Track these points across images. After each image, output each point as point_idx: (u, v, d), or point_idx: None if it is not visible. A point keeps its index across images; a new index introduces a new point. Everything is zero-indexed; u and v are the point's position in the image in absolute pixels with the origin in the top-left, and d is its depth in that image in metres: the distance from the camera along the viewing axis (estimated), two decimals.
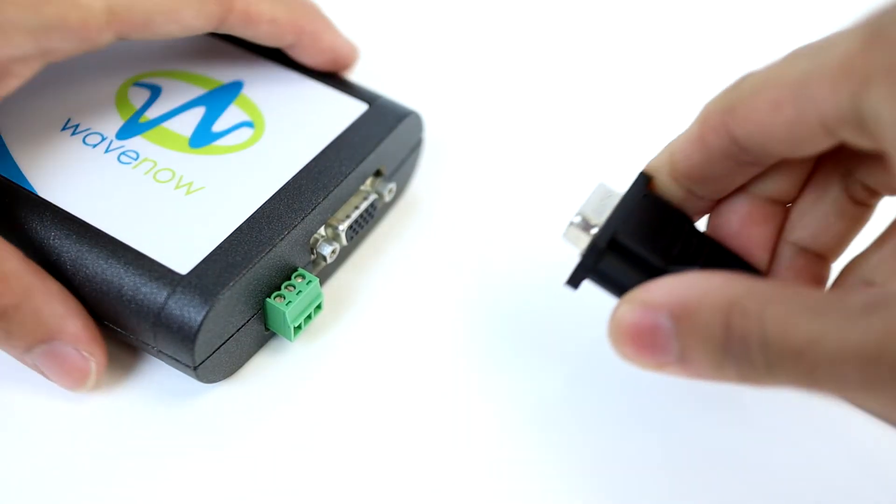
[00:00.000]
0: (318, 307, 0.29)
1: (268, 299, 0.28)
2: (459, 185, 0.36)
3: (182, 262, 0.26)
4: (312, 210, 0.28)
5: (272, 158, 0.30)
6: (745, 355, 0.20)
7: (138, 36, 0.27)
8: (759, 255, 0.25)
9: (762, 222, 0.25)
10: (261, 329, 0.29)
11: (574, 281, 0.25)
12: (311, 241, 0.29)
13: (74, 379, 0.27)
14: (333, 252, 0.30)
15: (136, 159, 0.29)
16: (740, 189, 0.25)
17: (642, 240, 0.24)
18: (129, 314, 0.26)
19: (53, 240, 0.27)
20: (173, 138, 0.30)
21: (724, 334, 0.20)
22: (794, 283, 0.22)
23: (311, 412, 0.28)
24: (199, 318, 0.25)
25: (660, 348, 0.22)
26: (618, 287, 0.24)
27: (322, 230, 0.30)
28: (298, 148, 0.30)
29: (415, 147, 0.34)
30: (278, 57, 0.33)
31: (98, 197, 0.28)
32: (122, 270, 0.26)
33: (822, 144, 0.21)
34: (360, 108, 0.32)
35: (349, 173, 0.30)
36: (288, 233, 0.28)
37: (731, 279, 0.21)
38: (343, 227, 0.30)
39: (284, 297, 0.28)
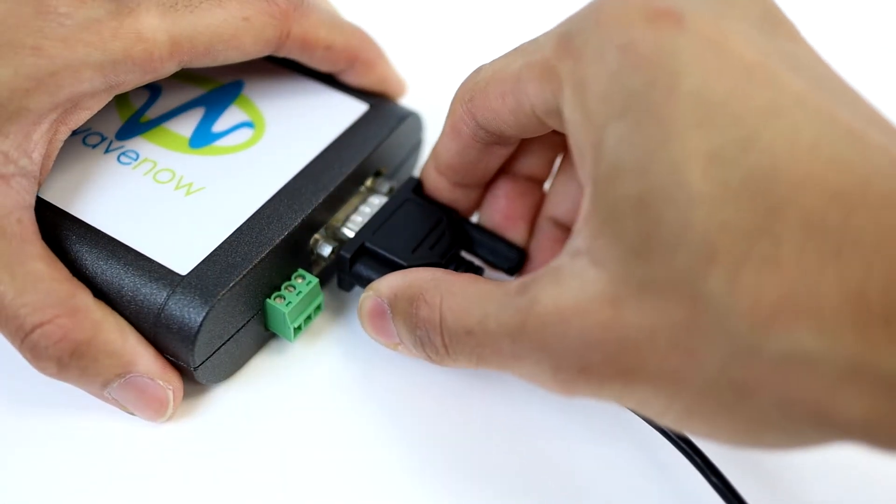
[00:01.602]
0: (319, 308, 0.29)
1: (268, 300, 0.28)
2: None
3: (182, 262, 0.26)
4: (312, 210, 0.28)
5: (272, 159, 0.30)
6: (429, 338, 0.24)
7: (199, 63, 0.28)
8: (522, 228, 0.29)
9: (522, 197, 0.29)
10: (261, 330, 0.29)
11: (341, 285, 0.30)
12: (311, 241, 0.29)
13: (155, 409, 0.27)
14: (333, 253, 0.30)
15: (135, 160, 0.29)
16: (502, 172, 0.29)
17: (391, 243, 0.28)
18: (128, 315, 0.26)
19: (53, 240, 0.27)
20: (173, 139, 0.30)
21: (413, 321, 0.25)
22: (476, 277, 0.25)
23: (311, 413, 0.28)
24: (200, 319, 0.25)
25: (387, 330, 0.26)
26: None
27: (322, 230, 0.29)
28: (298, 148, 0.30)
29: (415, 148, 0.34)
30: (278, 58, 0.33)
31: (98, 197, 0.28)
32: (121, 271, 0.26)
33: (541, 129, 0.25)
34: (360, 108, 0.32)
35: (349, 174, 0.29)
36: (288, 233, 0.28)
37: (426, 274, 0.25)
38: (343, 227, 0.30)
39: (284, 298, 0.28)
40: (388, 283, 0.26)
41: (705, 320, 0.18)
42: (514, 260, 0.29)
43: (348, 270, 0.29)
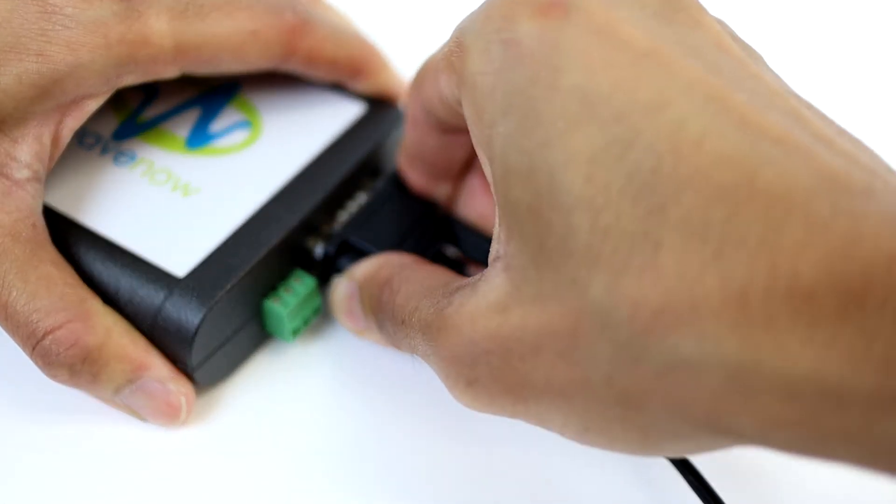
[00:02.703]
0: (317, 309, 0.29)
1: (265, 301, 0.28)
2: None
3: (179, 264, 0.26)
4: (310, 212, 0.28)
5: (270, 160, 0.30)
6: (384, 323, 0.25)
7: (201, 70, 0.28)
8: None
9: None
10: (258, 331, 0.29)
11: (325, 281, 0.29)
12: (309, 242, 0.29)
13: (168, 414, 0.27)
14: None
15: (132, 160, 0.29)
16: (471, 167, 0.29)
17: (374, 238, 0.28)
18: (126, 317, 0.26)
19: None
20: (170, 139, 0.30)
21: (376, 305, 0.25)
22: (443, 271, 0.25)
23: (309, 414, 0.28)
24: (197, 321, 0.25)
25: (356, 315, 0.26)
26: None
27: (320, 231, 0.29)
28: (296, 149, 0.30)
29: None
30: None
31: (94, 199, 0.28)
32: (118, 273, 0.26)
33: (453, 116, 0.24)
34: (357, 109, 0.32)
35: (347, 175, 0.29)
36: (285, 234, 0.28)
37: (397, 259, 0.26)
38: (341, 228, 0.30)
39: (282, 299, 0.28)
40: (362, 269, 0.27)
41: (588, 329, 0.18)
42: None
43: (332, 266, 0.29)
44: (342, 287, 0.27)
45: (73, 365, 0.25)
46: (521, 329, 0.19)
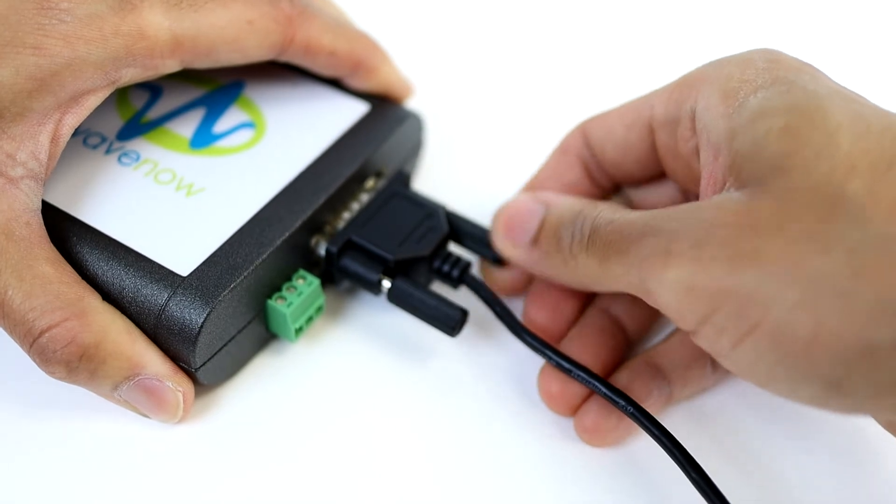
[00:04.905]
0: (320, 308, 0.29)
1: (269, 301, 0.28)
2: (460, 186, 0.36)
3: (183, 263, 0.26)
4: (313, 211, 0.28)
5: (273, 160, 0.30)
6: (579, 230, 0.25)
7: (201, 64, 0.28)
8: (597, 368, 0.29)
9: (606, 335, 0.29)
10: (262, 330, 0.29)
11: (329, 279, 0.30)
12: (313, 242, 0.29)
13: (166, 410, 0.27)
14: None
15: (136, 160, 0.29)
16: (592, 307, 0.30)
17: (378, 237, 0.29)
18: (129, 316, 0.26)
19: (53, 242, 0.27)
20: (174, 139, 0.30)
21: (572, 218, 0.26)
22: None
23: (312, 414, 0.28)
24: (200, 320, 0.25)
25: (523, 228, 0.27)
26: (360, 279, 0.29)
27: (323, 231, 0.29)
28: (299, 149, 0.30)
29: (415, 148, 0.34)
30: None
31: (98, 198, 0.28)
32: (122, 272, 0.26)
33: (644, 148, 0.28)
34: (361, 109, 0.32)
35: (350, 175, 0.29)
36: (289, 234, 0.28)
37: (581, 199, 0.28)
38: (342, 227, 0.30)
39: (285, 299, 0.28)
40: (552, 195, 0.28)
41: (842, 214, 0.20)
42: None
43: (335, 265, 0.29)
44: (520, 201, 0.28)
45: (69, 362, 0.25)
46: (768, 211, 0.21)
